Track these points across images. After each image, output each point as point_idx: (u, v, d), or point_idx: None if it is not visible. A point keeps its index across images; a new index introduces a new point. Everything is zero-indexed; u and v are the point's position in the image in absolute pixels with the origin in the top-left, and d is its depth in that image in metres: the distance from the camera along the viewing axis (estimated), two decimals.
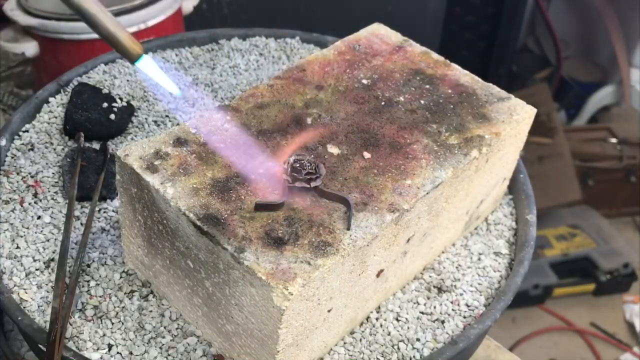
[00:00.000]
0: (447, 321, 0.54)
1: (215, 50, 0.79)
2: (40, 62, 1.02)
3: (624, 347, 1.43)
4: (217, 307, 0.47)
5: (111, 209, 0.60)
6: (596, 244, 1.56)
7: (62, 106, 0.69)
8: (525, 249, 0.59)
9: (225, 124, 0.52)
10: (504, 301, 0.55)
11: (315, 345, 0.49)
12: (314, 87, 0.57)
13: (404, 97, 0.58)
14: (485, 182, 0.58)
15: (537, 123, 0.60)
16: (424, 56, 0.62)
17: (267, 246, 0.44)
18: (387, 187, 0.49)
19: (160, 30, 1.01)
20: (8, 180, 0.61)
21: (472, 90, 0.59)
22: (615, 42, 1.76)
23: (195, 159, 0.49)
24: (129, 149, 0.49)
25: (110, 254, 0.56)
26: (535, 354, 1.41)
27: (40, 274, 0.54)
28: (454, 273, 0.58)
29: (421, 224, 0.52)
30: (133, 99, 0.71)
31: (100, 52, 0.78)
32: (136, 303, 0.53)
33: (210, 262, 0.45)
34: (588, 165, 1.64)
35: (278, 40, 0.81)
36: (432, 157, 0.52)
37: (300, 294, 0.42)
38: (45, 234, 0.57)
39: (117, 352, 0.50)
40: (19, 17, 0.96)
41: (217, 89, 0.73)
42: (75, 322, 0.51)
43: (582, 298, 1.53)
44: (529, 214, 0.62)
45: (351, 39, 0.64)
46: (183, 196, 0.46)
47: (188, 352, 0.50)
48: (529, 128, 0.59)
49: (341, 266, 0.44)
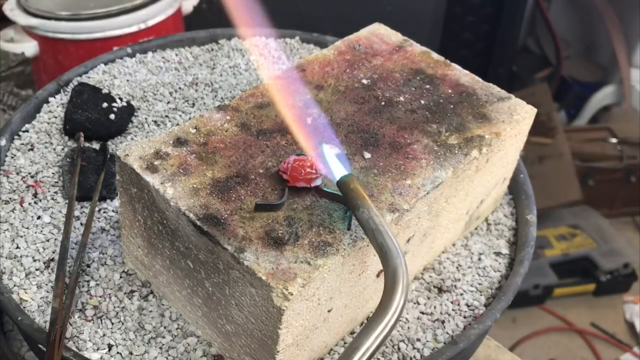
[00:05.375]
0: (447, 321, 0.54)
1: (215, 50, 0.79)
2: (40, 62, 1.02)
3: (624, 347, 1.43)
4: (217, 307, 0.47)
5: (111, 209, 0.60)
6: (596, 244, 1.56)
7: (62, 106, 0.69)
8: (525, 249, 0.59)
9: (225, 124, 0.52)
10: (504, 301, 0.55)
11: (316, 346, 0.49)
12: (314, 87, 0.57)
13: (404, 97, 0.58)
14: (486, 182, 0.58)
15: (537, 123, 0.60)
16: (424, 56, 0.62)
17: (267, 246, 0.44)
18: (387, 187, 0.49)
19: (160, 30, 1.01)
20: (8, 180, 0.61)
21: (472, 90, 0.59)
22: (615, 42, 1.76)
23: (195, 159, 0.49)
24: (129, 149, 0.49)
25: (110, 254, 0.56)
26: (535, 354, 1.41)
27: (40, 274, 0.54)
28: (454, 273, 0.58)
29: (421, 224, 0.52)
30: (133, 99, 0.71)
31: (100, 52, 0.78)
32: (136, 303, 0.53)
33: (210, 262, 0.45)
34: (588, 165, 1.65)
35: (278, 40, 0.81)
36: (432, 157, 0.52)
37: (300, 294, 0.42)
38: (45, 234, 0.57)
39: (117, 352, 0.50)
40: (18, 17, 0.96)
41: (217, 89, 0.73)
42: (75, 322, 0.51)
43: (582, 298, 1.53)
44: (529, 214, 0.62)
45: (351, 39, 0.64)
46: (183, 196, 0.46)
47: (188, 352, 0.50)
48: (529, 128, 0.59)
49: (341, 266, 0.44)
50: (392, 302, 0.40)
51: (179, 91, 0.72)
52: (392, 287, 0.40)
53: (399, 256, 0.41)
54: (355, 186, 0.45)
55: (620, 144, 1.65)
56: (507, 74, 1.74)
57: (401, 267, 0.41)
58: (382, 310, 0.40)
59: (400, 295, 0.40)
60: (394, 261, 0.41)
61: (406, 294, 0.40)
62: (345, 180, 0.45)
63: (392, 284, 0.40)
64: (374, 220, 0.43)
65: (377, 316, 0.40)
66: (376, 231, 0.42)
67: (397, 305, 0.40)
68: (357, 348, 0.39)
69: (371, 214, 0.43)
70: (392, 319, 0.40)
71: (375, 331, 0.39)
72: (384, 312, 0.40)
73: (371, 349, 0.39)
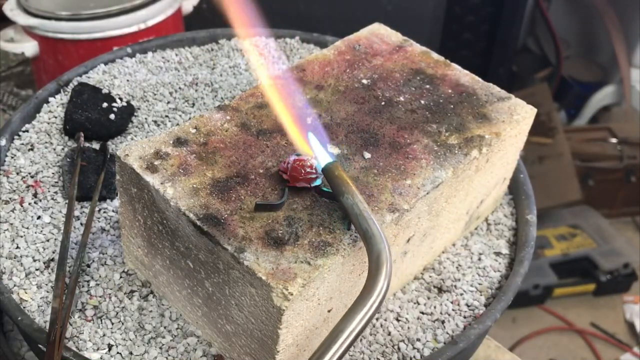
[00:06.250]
0: (447, 321, 0.54)
1: (215, 50, 0.79)
2: (40, 62, 1.02)
3: (624, 347, 1.43)
4: (217, 307, 0.47)
5: (111, 209, 0.60)
6: (596, 244, 1.56)
7: (62, 106, 0.69)
8: (525, 249, 0.59)
9: (225, 124, 0.52)
10: (504, 301, 0.55)
11: (315, 346, 0.48)
12: (314, 87, 0.57)
13: (404, 97, 0.58)
14: (486, 182, 0.58)
15: (537, 123, 0.60)
16: (424, 56, 0.62)
17: (267, 246, 0.44)
18: (387, 187, 0.49)
19: (160, 30, 1.01)
20: (8, 180, 0.61)
21: (472, 90, 0.59)
22: (615, 42, 1.76)
23: (195, 159, 0.49)
24: (129, 149, 0.49)
25: (110, 254, 0.56)
26: (535, 354, 1.41)
27: (40, 274, 0.54)
28: (454, 273, 0.58)
29: (421, 224, 0.52)
30: (133, 99, 0.71)
31: (100, 52, 0.78)
32: (136, 303, 0.53)
33: (210, 262, 0.45)
34: (588, 165, 1.65)
35: (278, 40, 0.81)
36: (432, 157, 0.52)
37: (300, 294, 0.42)
38: (45, 234, 0.57)
39: (117, 352, 0.50)
40: (18, 17, 0.96)
41: (217, 89, 0.73)
42: (75, 322, 0.51)
43: (582, 298, 1.53)
44: (529, 214, 0.62)
45: (351, 39, 0.64)
46: (183, 196, 0.46)
47: (188, 352, 0.50)
48: (529, 128, 0.59)
49: (341, 266, 0.44)
50: (376, 285, 0.41)
51: (179, 91, 0.72)
52: (375, 271, 0.41)
53: (383, 241, 0.42)
54: (339, 173, 0.45)
55: (620, 144, 1.65)
56: (507, 74, 1.74)
57: (385, 251, 0.41)
58: (367, 293, 0.40)
59: (384, 278, 0.41)
60: (377, 246, 0.42)
61: (389, 277, 0.41)
62: (329, 167, 0.46)
63: (376, 267, 0.41)
64: (358, 206, 0.43)
65: (361, 299, 0.40)
66: (360, 216, 0.43)
67: (380, 288, 0.41)
68: (341, 330, 0.40)
69: (355, 199, 0.44)
70: (375, 301, 0.40)
71: (359, 314, 0.40)
72: (368, 295, 0.40)
73: (355, 331, 0.40)
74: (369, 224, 0.43)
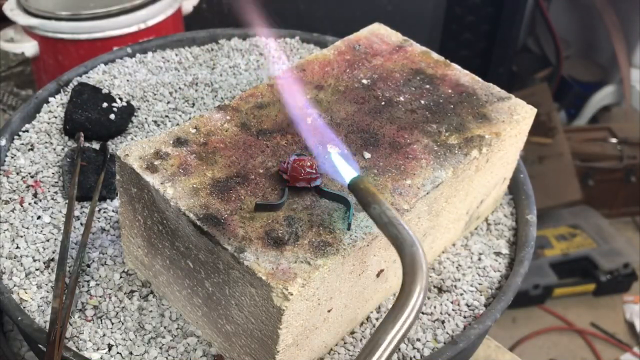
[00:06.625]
0: (447, 321, 0.54)
1: (215, 50, 0.79)
2: (40, 62, 1.02)
3: (624, 347, 1.43)
4: (217, 307, 0.47)
5: (111, 209, 0.60)
6: (596, 244, 1.56)
7: (62, 106, 0.69)
8: (525, 249, 0.59)
9: (225, 124, 0.52)
10: (504, 301, 0.55)
11: (316, 346, 0.49)
12: (314, 87, 0.57)
13: (404, 97, 0.58)
14: (486, 182, 0.58)
15: (537, 123, 0.60)
16: (424, 56, 0.62)
17: (267, 246, 0.44)
18: (387, 187, 0.49)
19: (160, 30, 1.01)
20: (8, 180, 0.61)
21: (472, 90, 0.59)
22: (615, 42, 1.76)
23: (195, 159, 0.49)
24: (129, 149, 0.49)
25: (110, 254, 0.56)
26: (535, 354, 1.41)
27: (40, 274, 0.54)
28: (454, 273, 0.58)
29: (421, 224, 0.52)
30: (133, 99, 0.71)
31: (100, 52, 0.78)
32: (136, 303, 0.53)
33: (210, 262, 0.45)
34: (588, 165, 1.65)
35: (278, 40, 0.81)
36: (432, 157, 0.52)
37: (300, 294, 0.42)
38: (45, 234, 0.57)
39: (117, 352, 0.50)
40: (18, 17, 0.96)
41: (217, 89, 0.73)
42: (75, 322, 0.51)
43: (582, 298, 1.53)
44: (529, 214, 0.62)
45: (351, 39, 0.64)
46: (183, 196, 0.46)
47: (188, 352, 0.50)
48: (529, 128, 0.59)
49: (341, 266, 0.44)
50: (414, 290, 0.38)
51: (179, 91, 0.72)
52: (411, 274, 0.38)
53: (415, 243, 0.39)
54: (365, 185, 0.44)
55: (620, 144, 1.65)
56: (507, 74, 1.74)
57: (418, 253, 0.39)
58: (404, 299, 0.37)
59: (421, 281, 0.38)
60: (409, 249, 0.39)
61: (427, 280, 0.38)
62: (355, 182, 0.44)
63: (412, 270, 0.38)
64: (386, 214, 0.42)
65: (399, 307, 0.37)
66: (389, 224, 0.41)
67: (419, 292, 0.38)
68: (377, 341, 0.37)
69: (383, 208, 0.42)
70: (415, 307, 0.37)
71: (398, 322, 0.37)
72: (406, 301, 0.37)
73: (395, 341, 0.37)
74: (398, 229, 0.41)
